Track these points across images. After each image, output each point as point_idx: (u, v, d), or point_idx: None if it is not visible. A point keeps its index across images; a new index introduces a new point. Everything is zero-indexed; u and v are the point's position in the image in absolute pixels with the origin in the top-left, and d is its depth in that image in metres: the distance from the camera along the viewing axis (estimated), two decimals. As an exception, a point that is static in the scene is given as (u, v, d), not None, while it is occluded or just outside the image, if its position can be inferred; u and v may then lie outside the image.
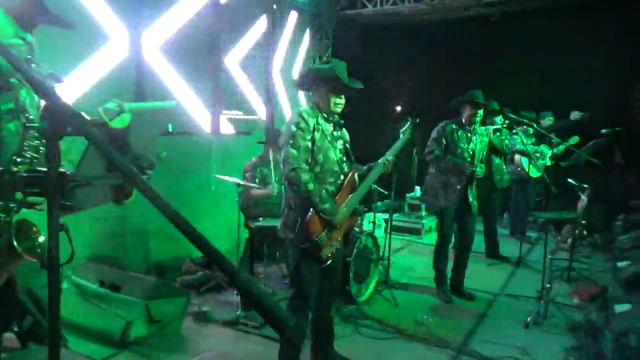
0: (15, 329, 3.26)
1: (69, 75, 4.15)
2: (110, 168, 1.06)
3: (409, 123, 3.46)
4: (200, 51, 5.64)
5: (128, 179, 0.91)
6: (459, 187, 4.49)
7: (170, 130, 5.17)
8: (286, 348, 3.08)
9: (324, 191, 2.89)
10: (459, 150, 4.51)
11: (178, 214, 0.89)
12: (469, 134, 4.56)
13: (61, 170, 0.94)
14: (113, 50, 4.56)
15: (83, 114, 0.92)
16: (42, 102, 0.92)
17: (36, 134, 1.39)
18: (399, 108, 8.36)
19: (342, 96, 2.99)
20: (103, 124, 1.03)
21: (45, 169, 0.91)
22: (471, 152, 4.54)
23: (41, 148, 1.41)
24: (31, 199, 1.35)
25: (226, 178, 4.45)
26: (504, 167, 6.03)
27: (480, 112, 4.55)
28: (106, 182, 1.08)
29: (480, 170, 4.52)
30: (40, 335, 3.20)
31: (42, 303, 3.22)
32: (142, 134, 1.17)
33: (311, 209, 2.85)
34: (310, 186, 2.80)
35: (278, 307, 0.85)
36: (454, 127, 4.55)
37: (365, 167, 3.27)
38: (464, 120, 4.56)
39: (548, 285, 4.24)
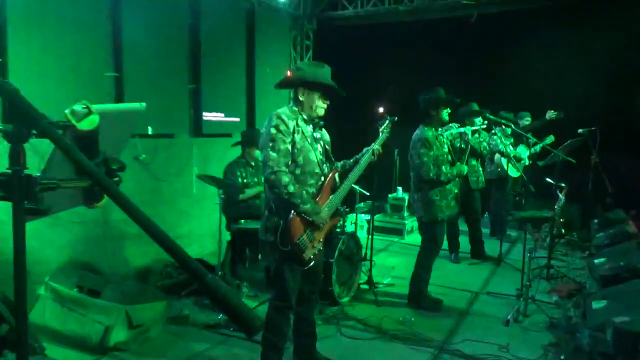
0: (-10, 337, 3.19)
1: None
2: (80, 170, 1.04)
3: (387, 121, 3.48)
4: (180, 52, 5.60)
5: (96, 183, 0.89)
6: (455, 191, 4.43)
7: (149, 132, 5.11)
8: (268, 350, 3.07)
9: (304, 192, 2.89)
10: (441, 157, 4.30)
11: (147, 218, 0.88)
12: (441, 137, 4.41)
13: (27, 172, 0.92)
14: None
15: (47, 116, 0.91)
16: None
17: None
18: (380, 109, 8.41)
19: (328, 100, 3.01)
20: (70, 126, 1.01)
21: (9, 172, 0.90)
22: (447, 156, 4.38)
23: None
24: None
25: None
26: (480, 168, 6.12)
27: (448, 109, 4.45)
28: (75, 185, 1.06)
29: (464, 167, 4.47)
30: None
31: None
32: (112, 136, 1.16)
33: (292, 211, 2.84)
34: (291, 188, 2.80)
35: (245, 307, 0.84)
36: (435, 133, 4.34)
37: (351, 160, 3.28)
38: (434, 122, 4.36)
39: (527, 283, 4.31)
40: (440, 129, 4.46)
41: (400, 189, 7.41)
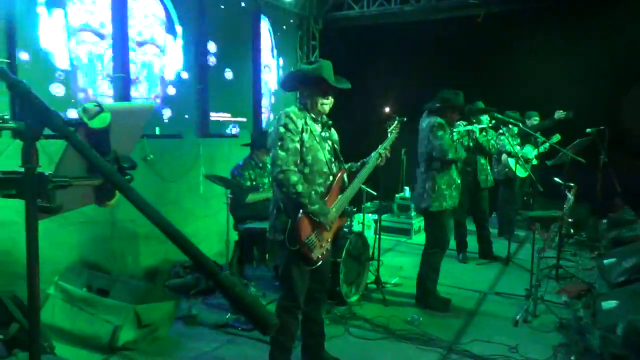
0: (1, 336, 3.21)
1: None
2: (92, 168, 1.05)
3: (396, 122, 3.46)
4: (188, 53, 5.61)
5: (108, 180, 0.89)
6: (458, 182, 4.45)
7: (157, 132, 5.13)
8: (276, 350, 3.07)
9: (313, 192, 2.88)
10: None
11: (160, 215, 0.88)
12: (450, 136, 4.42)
13: (39, 170, 0.92)
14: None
15: (60, 113, 0.91)
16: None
17: None
18: (387, 109, 8.39)
19: (329, 96, 2.99)
20: (82, 124, 1.02)
21: (22, 170, 0.90)
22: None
23: None
24: None
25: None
26: (489, 167, 6.08)
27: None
28: (87, 183, 1.06)
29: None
30: (27, 341, 3.15)
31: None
32: (123, 134, 1.17)
33: (300, 211, 2.84)
34: (299, 188, 2.79)
35: (260, 306, 0.84)
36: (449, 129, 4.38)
37: (358, 163, 3.28)
38: (445, 120, 4.36)
39: (536, 283, 4.28)
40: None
41: (407, 188, 7.39)
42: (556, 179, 5.03)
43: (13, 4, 3.82)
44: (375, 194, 5.40)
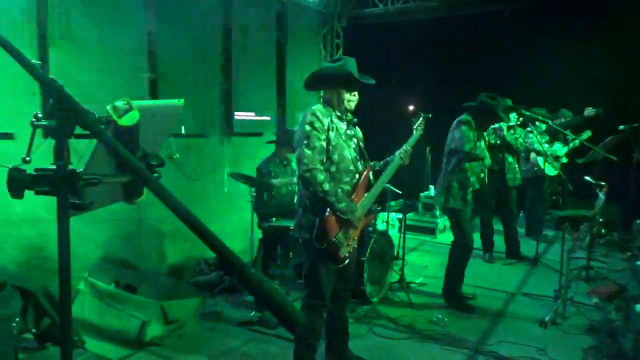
0: (33, 330, 3.31)
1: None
2: (120, 166, 1.06)
3: (421, 119, 3.43)
4: (212, 52, 5.66)
5: (138, 177, 0.90)
6: (477, 187, 4.40)
7: (182, 132, 5.19)
8: (301, 348, 3.07)
9: (339, 190, 2.87)
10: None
11: (189, 212, 0.89)
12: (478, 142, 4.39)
13: (71, 168, 0.94)
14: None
15: (92, 111, 0.93)
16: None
17: None
18: (411, 107, 8.32)
19: (355, 92, 2.98)
20: (112, 121, 1.03)
21: (54, 167, 0.92)
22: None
23: None
24: None
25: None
26: (517, 165, 5.95)
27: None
28: (117, 180, 1.08)
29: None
30: (58, 335, 3.23)
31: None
32: (152, 132, 1.18)
33: (327, 209, 2.83)
34: (326, 186, 2.78)
35: (289, 304, 0.84)
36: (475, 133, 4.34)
37: (382, 162, 3.26)
38: (476, 124, 4.35)
39: (566, 284, 4.17)
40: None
41: (432, 187, 7.30)
42: (587, 178, 4.90)
43: (45, 5, 3.91)
44: (399, 192, 5.35)
